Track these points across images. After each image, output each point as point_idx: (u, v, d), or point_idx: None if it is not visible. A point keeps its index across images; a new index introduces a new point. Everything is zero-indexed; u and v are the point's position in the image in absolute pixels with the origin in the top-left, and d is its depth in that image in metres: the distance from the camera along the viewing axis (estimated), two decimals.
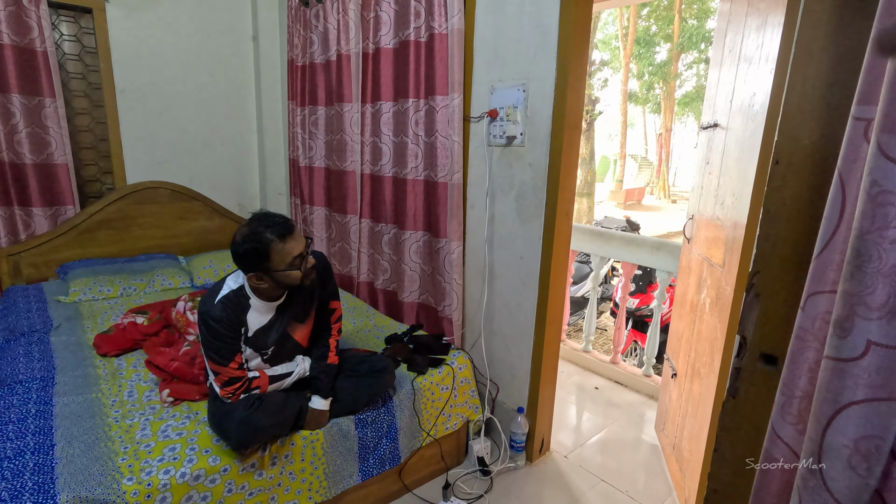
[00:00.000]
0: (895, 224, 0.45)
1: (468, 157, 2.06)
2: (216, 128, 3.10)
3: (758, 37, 1.43)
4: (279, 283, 1.38)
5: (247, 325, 1.42)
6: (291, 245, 1.34)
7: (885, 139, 0.45)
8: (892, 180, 0.45)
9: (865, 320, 0.48)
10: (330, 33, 2.53)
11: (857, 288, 0.47)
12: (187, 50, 2.91)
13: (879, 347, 0.47)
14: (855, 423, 0.49)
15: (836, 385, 0.50)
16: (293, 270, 1.35)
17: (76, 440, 1.36)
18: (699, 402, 1.69)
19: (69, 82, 2.63)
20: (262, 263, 1.33)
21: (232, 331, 1.39)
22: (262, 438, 1.38)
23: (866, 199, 0.47)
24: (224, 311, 1.37)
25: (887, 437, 0.47)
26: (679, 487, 1.85)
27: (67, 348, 1.88)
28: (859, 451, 0.49)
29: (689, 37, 11.72)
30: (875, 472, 0.48)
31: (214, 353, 1.38)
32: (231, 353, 1.40)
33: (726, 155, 1.63)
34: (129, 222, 2.78)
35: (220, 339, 1.37)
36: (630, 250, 2.76)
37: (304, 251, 1.38)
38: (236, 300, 1.40)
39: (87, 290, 2.39)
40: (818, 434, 0.51)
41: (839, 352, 0.50)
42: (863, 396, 0.48)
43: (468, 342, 2.21)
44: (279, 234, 1.32)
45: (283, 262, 1.33)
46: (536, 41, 1.75)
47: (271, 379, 1.49)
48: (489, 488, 1.85)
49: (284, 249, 1.33)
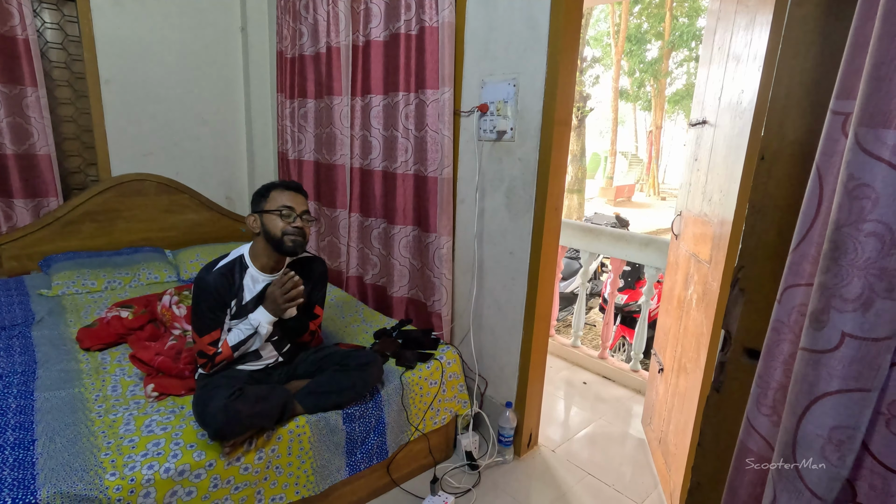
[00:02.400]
0: (871, 217, 0.46)
1: (458, 151, 2.05)
2: (204, 120, 3.06)
3: (746, 34, 1.44)
4: (266, 230, 1.48)
5: (243, 290, 1.52)
6: (288, 196, 1.50)
7: (863, 133, 0.45)
8: (868, 173, 0.45)
9: (840, 312, 0.48)
10: (320, 25, 2.50)
11: (833, 280, 0.48)
12: (174, 40, 2.86)
13: (853, 339, 0.48)
14: (829, 414, 0.50)
15: (812, 376, 0.50)
16: (280, 218, 1.47)
17: (58, 435, 1.34)
18: (685, 397, 1.71)
19: (52, 71, 2.58)
20: (259, 202, 1.50)
21: (218, 304, 1.48)
22: (242, 428, 1.36)
23: (843, 192, 0.47)
24: (218, 280, 1.48)
25: (859, 427, 0.48)
26: (664, 481, 1.87)
27: (49, 342, 1.85)
28: (832, 441, 0.49)
29: (679, 34, 11.79)
30: (847, 462, 0.49)
31: (197, 319, 1.48)
32: (210, 326, 1.48)
33: (714, 152, 1.65)
34: (114, 215, 2.74)
35: (206, 307, 1.47)
36: (619, 246, 2.78)
37: (297, 210, 1.49)
38: (238, 265, 1.53)
39: (71, 284, 2.36)
40: (793, 424, 0.52)
41: (815, 343, 0.50)
42: (837, 387, 0.49)
43: (457, 337, 2.21)
44: (282, 183, 1.52)
45: (275, 204, 1.48)
46: (527, 36, 1.74)
47: (234, 347, 1.49)
48: (477, 482, 1.86)
49: (280, 196, 1.49)
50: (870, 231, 0.46)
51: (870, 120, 0.45)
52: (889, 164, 0.44)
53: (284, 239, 1.47)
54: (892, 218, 0.45)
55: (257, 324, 1.48)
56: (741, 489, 0.64)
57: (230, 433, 1.34)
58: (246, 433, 1.38)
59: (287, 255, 1.53)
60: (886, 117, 0.44)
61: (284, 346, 1.65)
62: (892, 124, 0.44)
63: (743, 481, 0.64)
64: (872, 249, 0.46)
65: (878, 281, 0.46)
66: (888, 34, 0.43)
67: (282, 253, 1.51)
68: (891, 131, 0.44)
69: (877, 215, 0.45)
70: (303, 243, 1.51)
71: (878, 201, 0.45)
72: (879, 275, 0.46)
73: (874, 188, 0.45)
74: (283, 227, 1.47)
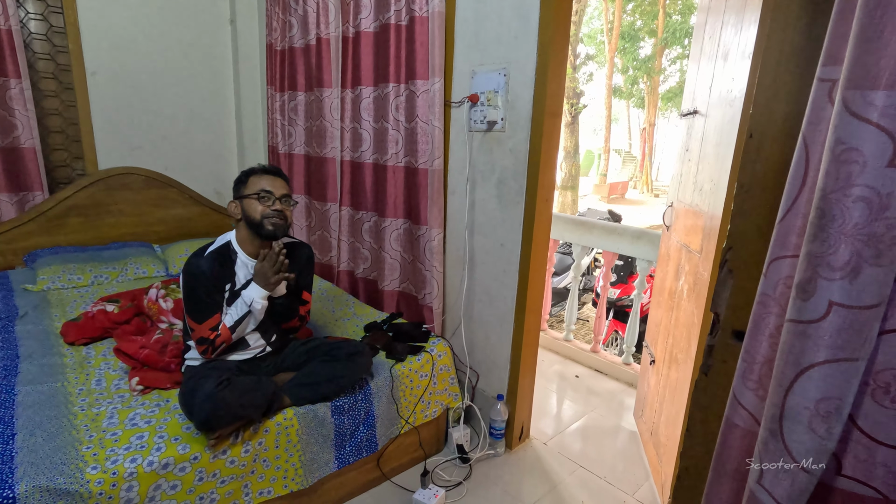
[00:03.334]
0: (858, 182, 0.44)
1: (449, 142, 2.03)
2: (193, 113, 3.02)
3: (737, 22, 1.43)
4: (246, 215, 1.48)
5: (237, 276, 1.52)
6: (266, 180, 1.49)
7: (850, 95, 0.44)
8: (856, 137, 0.44)
9: (828, 281, 0.47)
10: (309, 16, 2.47)
11: (821, 248, 0.47)
12: (162, 32, 2.82)
13: (841, 308, 0.47)
14: (816, 385, 0.48)
15: (798, 347, 0.49)
16: (258, 202, 1.46)
17: (39, 429, 1.31)
18: (676, 388, 1.70)
19: (36, 63, 2.53)
20: (239, 188, 1.51)
21: (215, 287, 1.48)
22: (229, 419, 1.33)
23: (830, 157, 0.46)
24: (212, 264, 1.47)
25: (846, 398, 0.47)
26: (656, 472, 1.87)
27: (33, 337, 1.82)
28: (819, 413, 0.48)
29: (672, 32, 11.82)
30: (834, 434, 0.48)
31: (193, 307, 1.46)
32: (209, 312, 1.46)
33: (705, 141, 1.64)
34: (101, 209, 2.70)
35: (203, 293, 1.45)
36: (611, 240, 2.77)
37: (275, 194, 1.48)
38: (225, 252, 1.52)
39: (57, 279, 2.32)
40: (780, 397, 0.51)
41: (801, 314, 0.49)
42: (824, 357, 0.48)
43: (448, 330, 2.20)
44: (261, 168, 1.52)
45: (253, 188, 1.48)
46: (517, 25, 1.73)
47: (231, 329, 1.48)
48: (468, 475, 1.85)
49: (258, 181, 1.49)
50: (858, 196, 0.44)
51: (858, 82, 0.43)
52: (878, 126, 0.43)
53: (264, 222, 1.47)
54: (880, 182, 0.44)
55: (251, 300, 1.47)
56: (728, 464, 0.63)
57: (217, 423, 1.31)
58: (233, 424, 1.35)
59: (268, 238, 1.51)
60: (875, 78, 0.43)
61: (272, 335, 1.63)
62: (880, 85, 0.43)
63: (730, 457, 0.63)
64: (860, 215, 0.45)
65: (865, 247, 0.45)
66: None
67: (262, 237, 1.50)
68: (879, 92, 0.43)
69: (864, 180, 0.44)
70: (283, 226, 1.50)
71: (867, 165, 0.43)
72: (867, 241, 0.45)
73: (862, 152, 0.44)
74: (262, 211, 1.46)
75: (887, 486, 0.49)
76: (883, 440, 0.48)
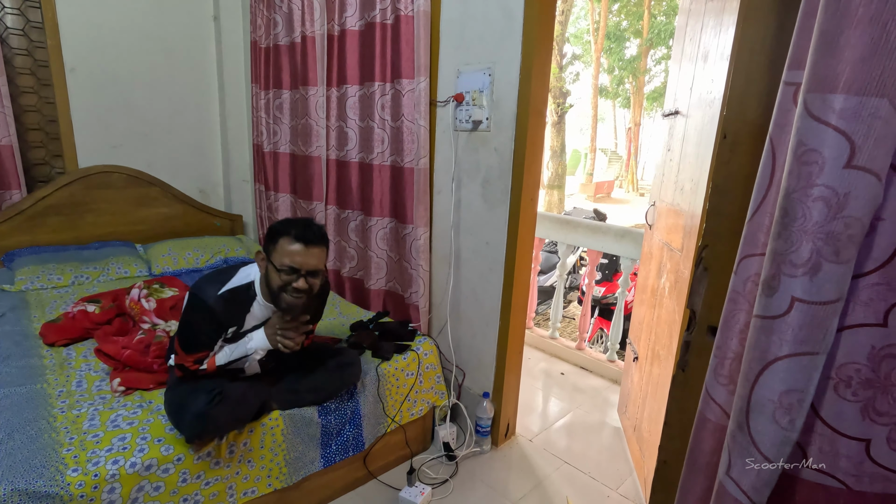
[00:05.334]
0: (818, 182, 0.46)
1: (434, 141, 2.04)
2: (176, 111, 2.98)
3: (716, 24, 1.46)
4: (268, 278, 1.35)
5: (243, 323, 1.40)
6: (297, 251, 1.30)
7: (811, 99, 0.46)
8: (816, 138, 0.46)
9: (790, 277, 0.49)
10: (294, 14, 2.46)
11: (784, 246, 0.49)
12: (143, 27, 2.77)
13: (802, 304, 0.49)
14: (780, 378, 0.50)
15: (764, 342, 0.51)
16: (280, 273, 1.31)
17: (17, 432, 1.29)
18: (658, 384, 1.73)
19: (13, 59, 2.48)
20: (268, 245, 1.34)
21: (219, 328, 1.37)
22: (217, 434, 1.34)
23: (793, 158, 0.48)
24: (224, 306, 1.34)
25: (808, 391, 0.49)
26: (639, 467, 1.90)
27: (10, 338, 1.78)
28: (783, 405, 0.50)
29: (657, 33, 11.96)
30: (797, 425, 0.50)
31: (188, 335, 1.36)
32: (202, 346, 1.37)
33: (686, 141, 1.67)
34: (82, 208, 2.65)
35: (203, 327, 1.35)
36: (595, 238, 2.80)
37: (302, 270, 1.31)
38: (244, 293, 1.38)
39: (35, 279, 2.27)
40: (746, 391, 0.53)
41: (766, 310, 0.51)
42: (787, 352, 0.50)
43: (435, 328, 2.21)
44: (296, 234, 1.31)
45: (279, 259, 1.31)
46: (502, 25, 1.74)
47: (220, 366, 1.40)
48: (454, 473, 1.86)
49: (287, 249, 1.30)
50: (817, 196, 0.46)
51: (817, 85, 0.45)
52: (836, 129, 0.45)
53: (282, 296, 1.33)
54: (838, 182, 0.45)
55: (253, 350, 1.40)
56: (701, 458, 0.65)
57: (207, 440, 1.32)
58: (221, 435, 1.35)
59: (282, 311, 1.39)
60: (833, 82, 0.45)
61: (270, 364, 1.54)
62: (837, 88, 0.44)
63: (703, 450, 0.65)
64: (819, 214, 0.47)
65: (825, 245, 0.47)
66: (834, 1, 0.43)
67: (277, 307, 1.38)
68: (837, 95, 0.45)
69: (824, 180, 0.46)
70: (300, 305, 1.35)
71: (825, 166, 0.45)
72: (826, 239, 0.47)
73: (821, 153, 0.45)
74: (280, 284, 1.32)
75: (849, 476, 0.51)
76: (845, 432, 0.50)
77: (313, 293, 1.36)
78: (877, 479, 0.53)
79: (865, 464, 0.52)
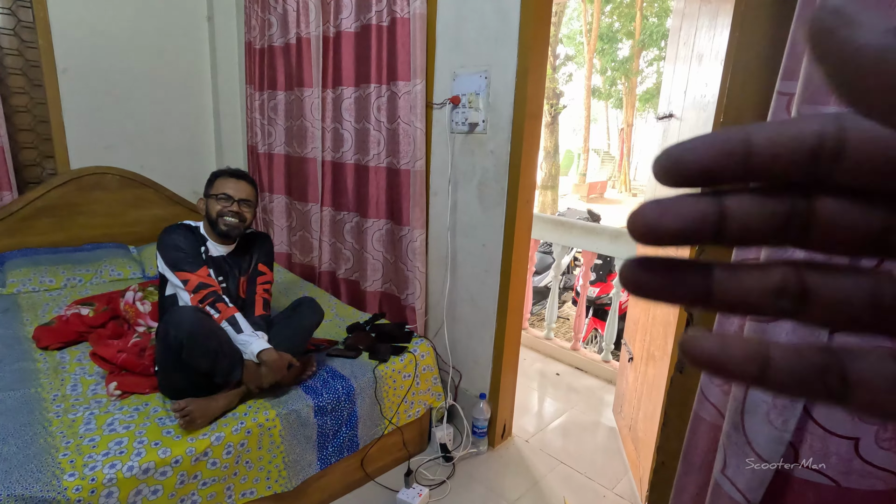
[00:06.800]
0: None
1: (431, 144, 2.05)
2: (169, 112, 2.96)
3: (710, 27, 1.48)
4: (207, 212, 1.61)
5: (208, 249, 1.65)
6: (231, 183, 1.62)
7: (805, 110, 0.47)
8: None
9: None
10: (289, 15, 2.45)
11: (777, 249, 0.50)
12: (137, 27, 2.76)
13: None
14: None
15: None
16: (218, 201, 1.59)
17: (11, 437, 1.28)
18: (653, 385, 1.75)
19: (3, 59, 2.45)
20: (207, 189, 1.65)
21: (192, 246, 1.59)
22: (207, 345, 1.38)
23: None
24: (184, 231, 1.61)
25: None
26: (634, 467, 1.92)
27: (2, 341, 1.77)
28: (776, 406, 0.51)
29: (650, 34, 12.04)
30: (790, 426, 0.51)
31: (181, 261, 1.53)
32: (197, 262, 1.56)
33: None
34: (74, 210, 2.63)
35: (184, 247, 1.56)
36: (590, 239, 2.82)
37: (235, 197, 1.60)
38: (195, 231, 1.66)
39: (27, 282, 2.25)
40: (741, 392, 0.54)
41: None
42: None
43: (431, 330, 2.21)
44: (229, 171, 1.65)
45: (217, 190, 1.61)
46: (498, 28, 1.75)
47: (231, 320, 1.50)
48: (451, 474, 1.87)
49: (224, 183, 1.62)
50: None
51: (812, 97, 0.46)
52: None
53: (219, 220, 1.59)
54: None
55: (247, 347, 1.50)
56: (696, 457, 0.66)
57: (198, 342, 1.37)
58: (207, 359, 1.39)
59: (221, 236, 1.63)
60: (827, 94, 0.46)
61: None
62: (831, 100, 0.46)
63: (698, 450, 0.66)
64: None
65: None
66: None
67: (217, 234, 1.62)
68: (831, 108, 0.46)
69: None
70: (237, 226, 1.61)
71: None
72: None
73: None
74: (219, 210, 1.59)
75: (839, 473, 0.52)
76: (834, 431, 0.52)
77: (246, 223, 1.64)
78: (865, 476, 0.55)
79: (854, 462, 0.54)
